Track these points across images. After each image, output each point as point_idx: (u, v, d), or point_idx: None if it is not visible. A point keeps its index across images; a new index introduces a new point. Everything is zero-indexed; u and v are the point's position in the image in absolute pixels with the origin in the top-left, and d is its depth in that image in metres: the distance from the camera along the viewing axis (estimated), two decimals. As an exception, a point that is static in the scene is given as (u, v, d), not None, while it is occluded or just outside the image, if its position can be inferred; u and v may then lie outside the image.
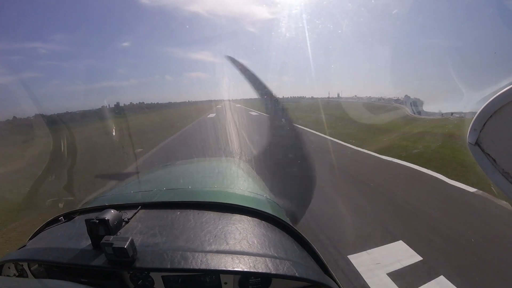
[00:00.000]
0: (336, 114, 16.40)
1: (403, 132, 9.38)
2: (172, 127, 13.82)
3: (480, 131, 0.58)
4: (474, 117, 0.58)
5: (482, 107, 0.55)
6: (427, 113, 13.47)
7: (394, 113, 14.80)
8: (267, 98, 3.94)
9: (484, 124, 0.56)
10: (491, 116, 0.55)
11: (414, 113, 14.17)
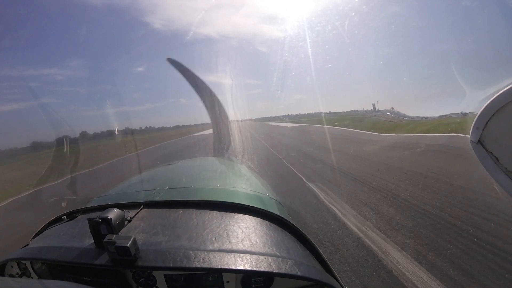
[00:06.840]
0: None
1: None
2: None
3: (483, 130, 0.57)
4: (477, 116, 0.57)
5: (485, 105, 0.55)
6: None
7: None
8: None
9: (487, 122, 0.56)
10: (493, 114, 0.54)
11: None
